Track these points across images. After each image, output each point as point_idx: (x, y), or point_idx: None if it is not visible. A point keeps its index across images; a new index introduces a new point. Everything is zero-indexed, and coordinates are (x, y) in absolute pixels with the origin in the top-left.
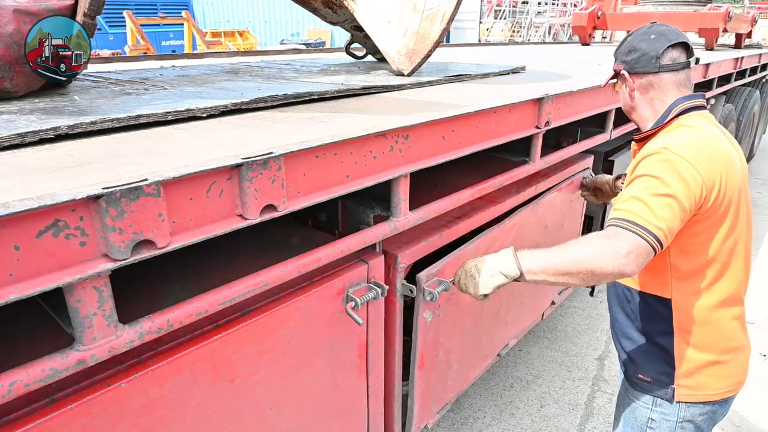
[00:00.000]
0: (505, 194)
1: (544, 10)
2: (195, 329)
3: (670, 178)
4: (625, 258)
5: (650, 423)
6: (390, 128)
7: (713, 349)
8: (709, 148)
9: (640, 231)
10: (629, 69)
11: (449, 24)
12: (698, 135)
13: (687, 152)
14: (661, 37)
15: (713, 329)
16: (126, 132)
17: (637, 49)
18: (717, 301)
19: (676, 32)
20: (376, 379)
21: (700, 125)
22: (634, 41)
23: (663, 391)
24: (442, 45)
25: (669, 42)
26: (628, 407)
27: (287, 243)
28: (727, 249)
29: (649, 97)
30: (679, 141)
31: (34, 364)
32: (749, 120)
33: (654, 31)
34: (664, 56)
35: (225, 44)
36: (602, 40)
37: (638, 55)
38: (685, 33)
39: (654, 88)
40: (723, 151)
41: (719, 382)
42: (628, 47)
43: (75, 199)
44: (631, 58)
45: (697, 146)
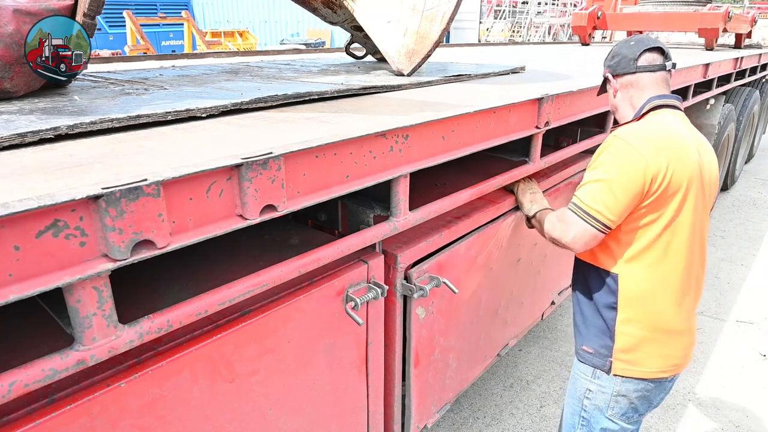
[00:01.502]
0: (505, 194)
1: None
2: (195, 329)
3: (615, 164)
4: (570, 239)
5: (587, 393)
6: (390, 128)
7: (648, 326)
8: (659, 137)
9: (586, 217)
10: (612, 72)
11: (449, 24)
12: (654, 126)
13: (634, 139)
14: (638, 42)
15: (650, 308)
16: (126, 132)
17: (618, 53)
18: (656, 282)
19: (653, 40)
20: (375, 379)
21: (662, 120)
22: (616, 48)
23: (601, 362)
24: (442, 45)
25: (645, 46)
26: (571, 378)
27: (287, 243)
28: (668, 235)
29: (628, 96)
30: (631, 129)
31: (34, 364)
32: (749, 120)
33: (634, 39)
34: (641, 58)
35: (225, 44)
36: (602, 40)
37: (619, 59)
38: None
39: (632, 87)
40: (677, 142)
41: (654, 360)
42: (611, 54)
43: (75, 199)
44: (614, 61)
45: (647, 135)
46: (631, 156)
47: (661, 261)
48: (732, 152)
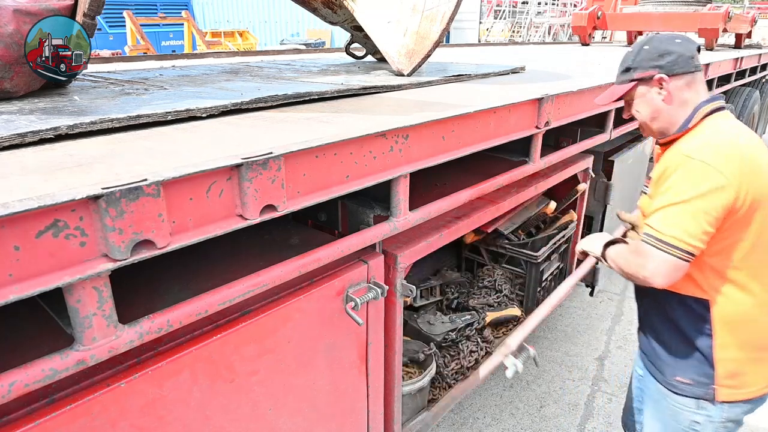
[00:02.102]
0: (505, 194)
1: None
2: (195, 329)
3: (691, 185)
4: (650, 273)
5: (694, 426)
6: (390, 128)
7: (750, 347)
8: (731, 151)
9: (664, 246)
10: (668, 71)
11: (449, 24)
12: (722, 137)
13: (708, 155)
14: (685, 40)
15: (750, 329)
16: (126, 132)
17: (671, 51)
18: (752, 302)
19: (684, 35)
20: (375, 379)
21: (725, 127)
22: (662, 45)
23: (703, 391)
24: (442, 45)
25: (695, 44)
26: (667, 412)
27: (287, 243)
28: (759, 252)
29: (683, 99)
30: (702, 145)
31: (34, 365)
32: (749, 120)
33: (672, 36)
34: (696, 56)
35: (225, 44)
36: (602, 40)
37: (675, 57)
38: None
39: (690, 89)
40: (749, 152)
41: (760, 378)
42: (657, 52)
43: (75, 199)
44: (667, 60)
45: (719, 149)
46: (709, 175)
47: (754, 279)
48: None
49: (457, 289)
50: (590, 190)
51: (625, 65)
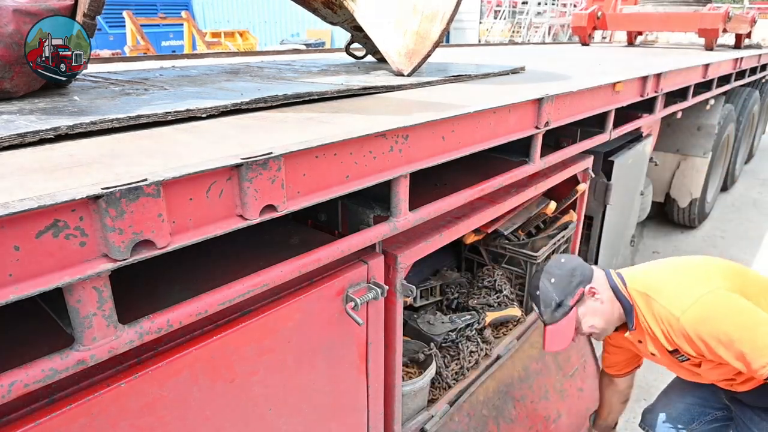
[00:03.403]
0: (505, 194)
1: (544, 10)
2: (195, 329)
3: (732, 311)
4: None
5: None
6: (390, 128)
7: None
8: (685, 272)
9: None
10: (587, 281)
11: (449, 24)
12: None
13: (692, 292)
14: (564, 259)
15: None
16: (126, 132)
17: (573, 267)
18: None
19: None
20: (376, 379)
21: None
22: (563, 271)
23: None
24: (442, 45)
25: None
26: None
27: (287, 243)
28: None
29: (609, 294)
30: (672, 297)
31: (34, 365)
32: (749, 120)
33: (554, 262)
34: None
35: (225, 44)
36: (602, 40)
37: (581, 270)
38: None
39: (603, 284)
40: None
41: None
42: (568, 275)
43: (75, 199)
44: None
45: (685, 281)
46: (718, 300)
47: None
48: (732, 152)
49: (457, 289)
50: (590, 190)
51: (551, 304)
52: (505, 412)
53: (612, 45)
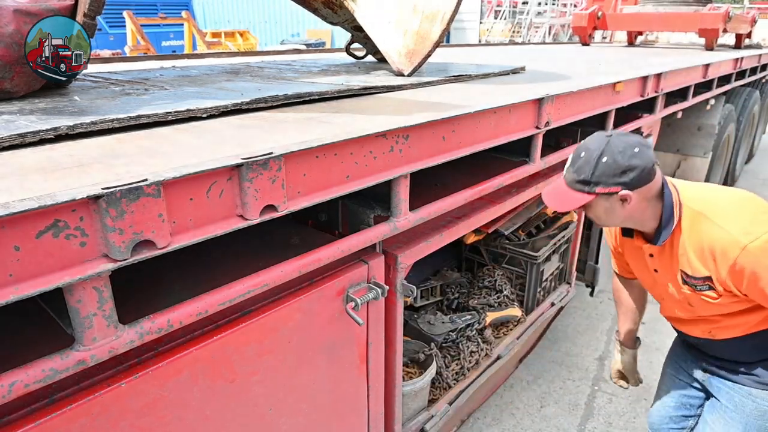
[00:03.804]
0: (505, 194)
1: (544, 10)
2: (195, 329)
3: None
4: None
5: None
6: (390, 128)
7: None
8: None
9: None
10: (632, 188)
11: (449, 24)
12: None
13: (757, 226)
14: (643, 146)
15: None
16: (126, 132)
17: (633, 166)
18: None
19: (638, 136)
20: (376, 379)
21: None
22: (623, 160)
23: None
24: (443, 45)
25: (651, 148)
26: (754, 413)
27: (287, 243)
28: None
29: (647, 202)
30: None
31: (34, 365)
32: (749, 120)
33: (629, 144)
34: (655, 161)
35: (225, 44)
36: (602, 40)
37: (638, 173)
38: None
39: (651, 192)
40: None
41: None
42: (618, 168)
43: (75, 199)
44: (631, 177)
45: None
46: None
47: None
48: (732, 152)
49: (457, 289)
50: None
51: (581, 176)
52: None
53: (612, 45)
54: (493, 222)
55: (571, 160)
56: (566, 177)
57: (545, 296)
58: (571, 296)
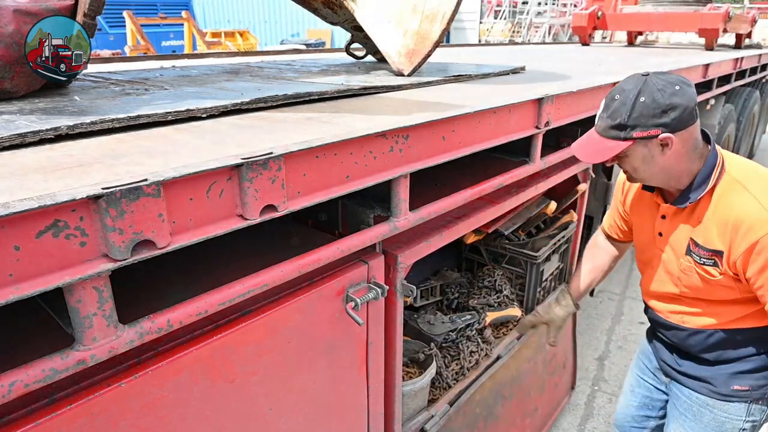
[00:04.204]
0: (505, 194)
1: (544, 10)
2: (195, 329)
3: None
4: None
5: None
6: (390, 128)
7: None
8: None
9: None
10: (673, 130)
11: (449, 24)
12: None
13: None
14: (684, 85)
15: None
16: (126, 132)
17: (674, 105)
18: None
19: (677, 75)
20: (376, 380)
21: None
22: (663, 99)
23: (761, 392)
24: (442, 45)
25: (693, 87)
26: (712, 424)
27: (287, 243)
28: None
29: (686, 151)
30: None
31: (34, 365)
32: (749, 120)
33: (669, 82)
34: (697, 101)
35: (225, 44)
36: (602, 40)
37: (680, 112)
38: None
39: (692, 138)
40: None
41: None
42: (659, 107)
43: (75, 199)
44: (672, 117)
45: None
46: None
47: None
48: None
49: (457, 289)
50: (590, 190)
51: (617, 119)
52: (494, 410)
53: (612, 45)
54: (493, 222)
55: (603, 106)
56: (598, 125)
57: (545, 296)
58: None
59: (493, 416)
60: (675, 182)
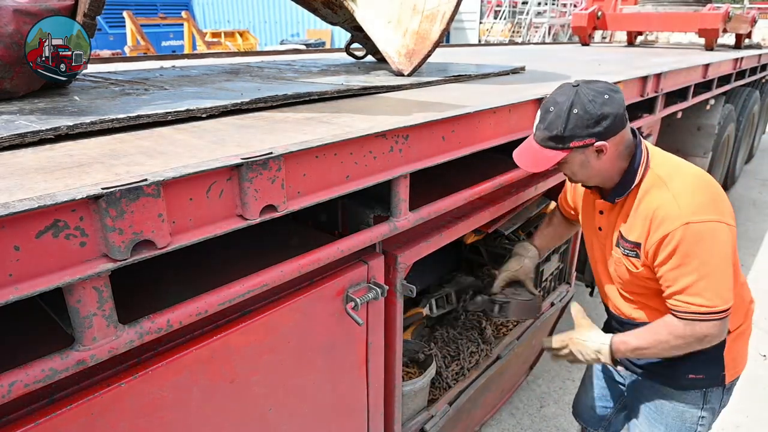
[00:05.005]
0: (505, 194)
1: (544, 10)
2: (195, 329)
3: (715, 253)
4: (710, 341)
5: (701, 421)
6: (390, 128)
7: (735, 326)
8: (715, 191)
9: (717, 315)
10: (606, 137)
11: (449, 24)
12: (691, 180)
13: (708, 211)
14: (613, 92)
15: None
16: (126, 132)
17: (605, 114)
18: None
19: (605, 82)
20: (376, 379)
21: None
22: (594, 109)
23: (715, 380)
24: (442, 45)
25: (621, 93)
26: (672, 414)
27: (287, 243)
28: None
29: (618, 153)
30: (688, 202)
31: (34, 365)
32: (749, 120)
33: (598, 92)
34: (624, 106)
35: (225, 44)
36: (602, 40)
37: (611, 120)
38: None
39: (624, 140)
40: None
41: (744, 353)
42: (591, 118)
43: (75, 199)
44: (605, 126)
45: (707, 196)
46: (720, 233)
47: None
48: (732, 152)
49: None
50: None
51: (554, 131)
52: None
53: (612, 45)
54: (493, 222)
55: (540, 117)
56: (536, 135)
57: (545, 296)
58: (570, 296)
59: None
60: (609, 181)
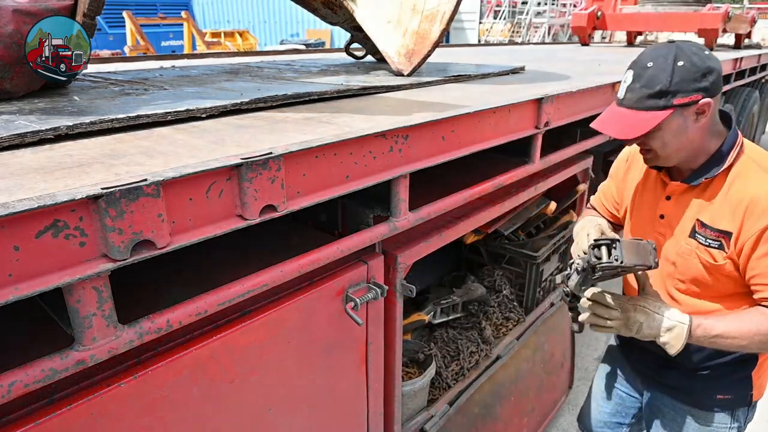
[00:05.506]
0: (505, 194)
1: (544, 10)
2: (195, 329)
3: None
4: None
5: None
6: (390, 128)
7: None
8: None
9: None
10: (711, 95)
11: (449, 24)
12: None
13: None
14: (708, 50)
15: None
16: (126, 132)
17: (711, 69)
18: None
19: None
20: (375, 379)
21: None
22: (701, 62)
23: (743, 399)
24: (442, 45)
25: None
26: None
27: (287, 243)
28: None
29: (712, 124)
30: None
31: (34, 365)
32: (749, 120)
33: (698, 47)
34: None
35: (225, 44)
36: (602, 40)
37: (716, 76)
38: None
39: (716, 112)
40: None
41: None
42: (698, 71)
43: (74, 199)
44: (711, 81)
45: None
46: None
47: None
48: None
49: (481, 308)
50: (590, 191)
51: (657, 86)
52: (492, 410)
53: (612, 45)
54: (493, 222)
55: (633, 76)
56: (628, 98)
57: (545, 296)
58: None
59: (491, 416)
60: (693, 161)
